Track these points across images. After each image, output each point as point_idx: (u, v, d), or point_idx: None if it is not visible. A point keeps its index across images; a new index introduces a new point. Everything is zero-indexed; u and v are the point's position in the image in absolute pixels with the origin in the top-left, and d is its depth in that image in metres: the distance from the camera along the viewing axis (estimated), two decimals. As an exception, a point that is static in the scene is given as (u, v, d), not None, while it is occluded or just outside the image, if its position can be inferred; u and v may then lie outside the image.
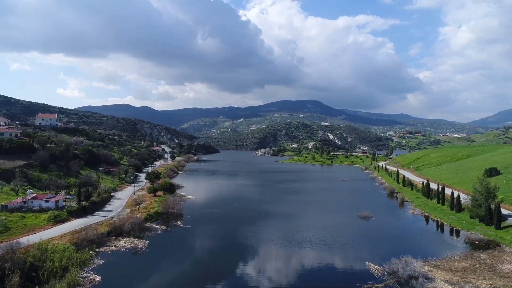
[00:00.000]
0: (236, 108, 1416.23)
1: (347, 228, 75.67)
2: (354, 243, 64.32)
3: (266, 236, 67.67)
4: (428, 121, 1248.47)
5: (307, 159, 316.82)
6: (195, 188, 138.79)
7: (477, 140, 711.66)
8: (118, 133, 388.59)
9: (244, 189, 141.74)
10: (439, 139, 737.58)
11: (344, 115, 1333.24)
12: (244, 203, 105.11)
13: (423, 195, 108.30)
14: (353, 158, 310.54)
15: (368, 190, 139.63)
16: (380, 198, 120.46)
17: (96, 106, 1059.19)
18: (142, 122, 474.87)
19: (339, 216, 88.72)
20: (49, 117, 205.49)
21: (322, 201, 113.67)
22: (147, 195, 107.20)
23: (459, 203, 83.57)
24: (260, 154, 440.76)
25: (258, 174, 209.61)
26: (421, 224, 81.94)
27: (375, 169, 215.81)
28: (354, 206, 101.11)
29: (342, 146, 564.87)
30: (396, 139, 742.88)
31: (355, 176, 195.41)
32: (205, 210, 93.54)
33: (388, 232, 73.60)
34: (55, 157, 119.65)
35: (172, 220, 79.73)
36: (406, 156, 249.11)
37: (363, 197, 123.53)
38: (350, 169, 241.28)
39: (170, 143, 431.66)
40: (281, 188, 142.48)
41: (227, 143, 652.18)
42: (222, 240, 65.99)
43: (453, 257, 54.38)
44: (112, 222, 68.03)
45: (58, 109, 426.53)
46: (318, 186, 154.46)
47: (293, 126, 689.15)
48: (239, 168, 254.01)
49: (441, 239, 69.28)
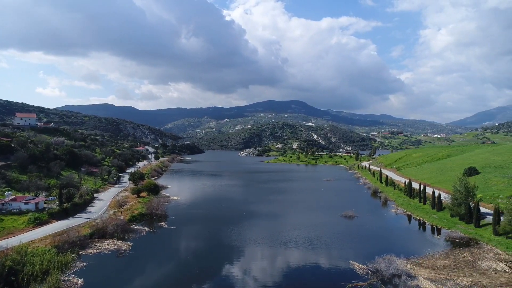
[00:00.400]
0: (220, 108, 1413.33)
1: (332, 228, 76.39)
2: (339, 243, 65.00)
3: (251, 237, 67.69)
4: (409, 122, 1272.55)
5: (291, 159, 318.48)
6: (180, 189, 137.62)
7: (456, 141, 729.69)
8: (101, 133, 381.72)
9: (229, 189, 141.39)
10: (420, 139, 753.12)
11: (328, 116, 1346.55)
12: (229, 204, 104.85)
13: (405, 194, 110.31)
14: (337, 158, 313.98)
15: (352, 190, 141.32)
16: (363, 197, 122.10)
17: (77, 105, 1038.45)
18: (125, 122, 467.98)
19: (324, 216, 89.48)
20: (28, 117, 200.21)
21: (306, 201, 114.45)
22: (130, 196, 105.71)
23: (440, 202, 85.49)
24: (245, 154, 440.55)
25: (243, 174, 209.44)
26: (404, 223, 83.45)
27: (359, 169, 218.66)
28: (338, 205, 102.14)
29: (326, 146, 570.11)
30: (379, 139, 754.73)
31: (339, 176, 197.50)
32: (189, 211, 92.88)
33: (372, 231, 74.67)
34: (35, 158, 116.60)
35: (157, 221, 78.82)
36: (388, 156, 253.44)
37: (347, 196, 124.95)
38: (334, 169, 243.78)
39: (154, 144, 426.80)
40: (266, 188, 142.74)
41: (212, 143, 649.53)
42: (207, 241, 65.66)
43: (434, 255, 55.56)
44: (94, 224, 66.76)
45: (38, 109, 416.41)
46: (303, 186, 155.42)
47: (277, 127, 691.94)
48: (224, 168, 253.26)
49: (423, 238, 70.72)
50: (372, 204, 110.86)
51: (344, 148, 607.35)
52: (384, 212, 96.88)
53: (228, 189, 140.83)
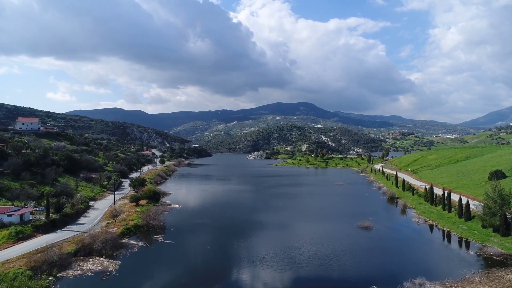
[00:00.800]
0: (229, 111, 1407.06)
1: (347, 241, 67.92)
2: (357, 261, 56.60)
3: (258, 255, 59.42)
4: (420, 123, 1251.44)
5: (301, 162, 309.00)
6: (183, 195, 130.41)
7: (470, 141, 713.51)
8: (107, 137, 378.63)
9: (235, 195, 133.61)
10: (432, 140, 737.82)
11: (337, 117, 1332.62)
12: (235, 212, 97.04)
13: (425, 200, 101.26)
14: (348, 160, 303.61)
15: (366, 195, 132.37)
16: (379, 204, 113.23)
17: (87, 110, 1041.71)
18: (132, 126, 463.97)
19: (338, 226, 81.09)
20: (30, 121, 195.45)
21: (318, 208, 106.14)
22: (129, 204, 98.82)
23: (469, 211, 76.46)
24: (253, 158, 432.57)
25: (251, 178, 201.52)
26: (427, 234, 74.68)
27: (372, 172, 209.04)
28: (353, 213, 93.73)
29: (335, 148, 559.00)
30: (390, 140, 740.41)
31: (351, 179, 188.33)
32: (190, 221, 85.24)
33: (393, 245, 66.13)
34: (30, 164, 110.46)
35: (153, 234, 71.42)
36: (402, 158, 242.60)
37: (361, 203, 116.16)
38: (345, 172, 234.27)
39: (161, 147, 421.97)
40: (275, 193, 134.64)
41: (220, 146, 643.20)
42: (205, 260, 57.85)
43: (473, 278, 46.92)
44: (81, 239, 59.53)
45: (45, 113, 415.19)
46: (314, 191, 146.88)
47: (286, 129, 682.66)
48: (231, 172, 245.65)
49: (453, 253, 61.85)
50: (390, 211, 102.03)
51: (354, 150, 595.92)
52: (404, 221, 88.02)
53: (234, 195, 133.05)
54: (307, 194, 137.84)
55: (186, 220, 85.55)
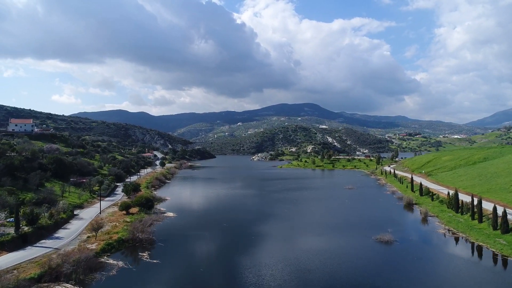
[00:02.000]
0: (233, 112, 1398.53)
1: (365, 260, 57.55)
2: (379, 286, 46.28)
3: (261, 282, 49.44)
4: (425, 123, 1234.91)
5: (307, 164, 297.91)
6: (180, 201, 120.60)
7: (478, 141, 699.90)
8: (108, 139, 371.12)
9: (236, 201, 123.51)
10: (439, 140, 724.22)
11: (341, 118, 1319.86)
12: (235, 222, 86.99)
13: (449, 208, 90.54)
14: (356, 162, 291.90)
15: (380, 200, 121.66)
16: (396, 211, 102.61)
17: (91, 112, 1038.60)
18: (134, 127, 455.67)
19: (353, 240, 70.61)
20: (23, 123, 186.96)
21: (328, 217, 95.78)
22: (118, 212, 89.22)
23: (506, 222, 65.75)
24: (257, 159, 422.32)
25: (254, 181, 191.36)
26: (457, 250, 64.09)
27: (382, 175, 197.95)
28: (367, 222, 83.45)
29: (341, 149, 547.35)
30: (396, 141, 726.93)
31: (361, 182, 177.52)
32: (184, 233, 75.17)
33: (421, 266, 55.49)
34: (13, 168, 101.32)
35: (140, 250, 61.52)
36: (414, 159, 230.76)
37: (375, 209, 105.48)
38: (354, 175, 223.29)
39: (163, 149, 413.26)
40: (280, 199, 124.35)
41: (223, 147, 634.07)
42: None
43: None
44: (47, 261, 49.70)
45: (45, 115, 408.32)
46: (322, 195, 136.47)
47: (291, 130, 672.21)
48: (234, 174, 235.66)
49: (496, 276, 51.27)
50: (409, 220, 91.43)
51: (361, 151, 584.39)
52: (428, 232, 77.32)
53: (235, 201, 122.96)
54: (315, 199, 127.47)
55: (179, 232, 75.54)
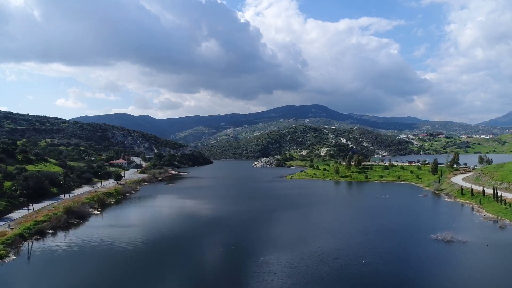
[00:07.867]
0: (238, 114, 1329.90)
1: None
2: None
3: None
4: (437, 123, 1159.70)
5: (327, 174, 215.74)
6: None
7: (509, 141, 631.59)
8: (77, 142, 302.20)
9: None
10: (466, 141, 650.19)
11: (350, 119, 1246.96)
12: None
13: None
14: (398, 170, 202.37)
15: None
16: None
17: (92, 116, 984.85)
18: (114, 129, 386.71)
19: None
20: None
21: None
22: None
23: None
24: (260, 165, 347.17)
25: (245, 212, 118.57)
26: None
27: (464, 195, 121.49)
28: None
29: (358, 151, 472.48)
30: (416, 142, 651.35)
31: (431, 211, 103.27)
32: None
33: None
34: None
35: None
36: (504, 167, 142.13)
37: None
38: (404, 193, 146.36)
39: (148, 154, 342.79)
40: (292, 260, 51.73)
41: (225, 151, 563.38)
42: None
43: None
44: None
45: (4, 114, 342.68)
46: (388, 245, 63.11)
47: (299, 131, 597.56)
48: (222, 191, 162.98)
49: None
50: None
51: (379, 153, 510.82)
52: None
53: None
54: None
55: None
